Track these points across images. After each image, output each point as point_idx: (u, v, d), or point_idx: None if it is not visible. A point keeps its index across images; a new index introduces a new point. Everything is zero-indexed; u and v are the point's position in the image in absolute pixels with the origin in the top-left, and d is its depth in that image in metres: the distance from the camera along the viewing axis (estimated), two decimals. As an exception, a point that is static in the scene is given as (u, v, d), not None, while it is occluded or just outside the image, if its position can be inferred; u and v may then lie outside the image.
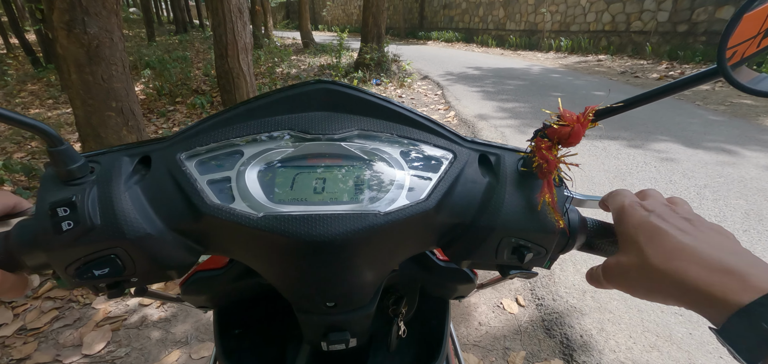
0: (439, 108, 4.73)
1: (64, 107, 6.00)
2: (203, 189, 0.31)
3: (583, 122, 0.32)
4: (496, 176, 0.36)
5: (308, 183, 0.32)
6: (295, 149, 0.33)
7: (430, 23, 16.77)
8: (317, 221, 0.30)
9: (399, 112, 0.37)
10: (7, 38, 11.55)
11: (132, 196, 0.31)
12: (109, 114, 1.86)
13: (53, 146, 0.29)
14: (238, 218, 0.30)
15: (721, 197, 2.21)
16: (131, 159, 0.33)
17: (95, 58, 1.69)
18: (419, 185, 0.33)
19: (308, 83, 0.36)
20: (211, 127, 0.35)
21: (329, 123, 0.35)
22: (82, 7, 1.56)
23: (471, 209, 0.35)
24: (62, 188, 0.30)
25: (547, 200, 0.33)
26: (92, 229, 0.29)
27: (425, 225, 0.34)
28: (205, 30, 17.10)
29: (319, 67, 7.74)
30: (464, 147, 0.37)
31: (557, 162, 0.33)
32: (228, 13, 2.76)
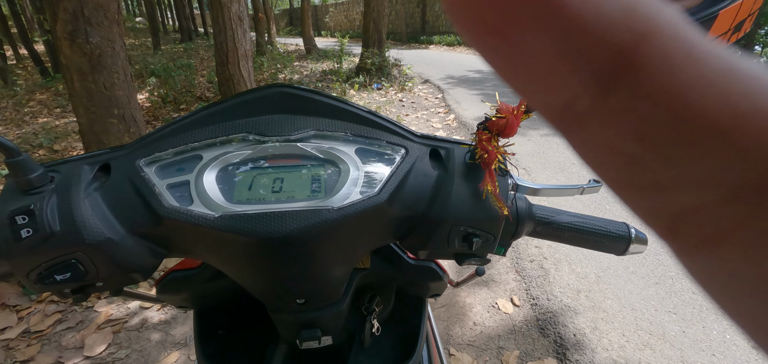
0: (439, 111, 4.76)
1: (71, 116, 6.10)
2: (161, 193, 0.32)
3: (517, 114, 0.35)
4: (445, 169, 0.38)
5: (266, 183, 0.34)
6: (253, 151, 0.35)
7: (432, 27, 16.85)
8: (272, 218, 0.32)
9: (354, 112, 0.39)
10: (16, 49, 11.79)
11: (91, 202, 0.32)
12: (111, 121, 1.90)
13: (11, 157, 0.30)
14: (195, 219, 0.31)
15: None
16: (91, 167, 0.34)
17: (97, 67, 1.74)
18: (372, 180, 0.35)
19: (265, 87, 0.38)
20: (171, 133, 0.36)
21: (286, 125, 0.37)
22: (85, 17, 1.61)
23: (422, 201, 0.37)
24: (21, 197, 0.31)
25: (489, 188, 0.35)
26: (51, 235, 0.30)
27: (379, 218, 0.36)
28: (209, 38, 17.31)
29: (321, 73, 7.82)
30: (416, 143, 0.39)
31: (497, 152, 0.35)
32: (228, 21, 2.81)
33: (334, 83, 6.26)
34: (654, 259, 1.77)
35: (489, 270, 1.83)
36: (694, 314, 1.46)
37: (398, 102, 5.36)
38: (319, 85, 6.66)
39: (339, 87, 5.85)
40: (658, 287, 1.61)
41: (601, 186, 0.44)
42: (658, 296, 1.56)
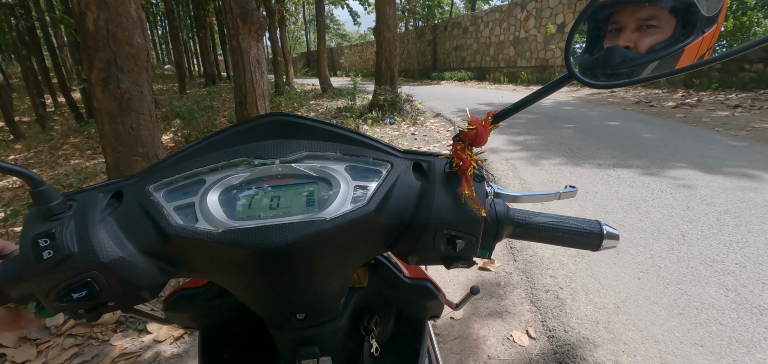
0: (450, 143, 4.80)
1: (100, 157, 6.46)
2: (169, 213, 0.36)
3: (485, 125, 0.39)
4: (427, 179, 0.41)
5: (265, 201, 0.37)
6: (252, 173, 0.38)
7: (443, 64, 17.33)
8: (271, 230, 0.35)
9: (342, 134, 0.42)
10: (55, 97, 12.74)
11: (106, 225, 0.35)
12: (136, 159, 2.02)
13: (35, 187, 0.34)
14: (200, 234, 0.34)
15: (742, 222, 2.12)
16: (105, 194, 0.38)
17: (126, 110, 1.88)
18: (362, 193, 0.38)
19: (262, 117, 0.42)
20: (177, 161, 0.40)
21: (282, 148, 0.40)
22: (117, 65, 1.76)
23: (408, 209, 0.40)
24: (43, 223, 0.34)
25: (466, 193, 0.38)
26: (70, 256, 0.33)
27: (369, 227, 0.39)
28: (231, 81, 18.27)
29: (337, 110, 8.08)
30: (399, 157, 0.43)
31: (470, 160, 0.39)
32: (247, 65, 2.99)
33: (348, 119, 6.45)
34: (676, 288, 1.69)
35: (503, 301, 1.79)
36: (724, 346, 1.37)
37: (410, 135, 5.46)
38: (333, 121, 6.86)
39: (353, 123, 6.02)
40: (682, 318, 1.52)
41: (576, 191, 0.46)
42: (682, 327, 1.48)
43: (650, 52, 0.38)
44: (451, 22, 16.61)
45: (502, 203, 0.43)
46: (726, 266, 1.78)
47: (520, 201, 0.46)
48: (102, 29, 1.70)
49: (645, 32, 0.39)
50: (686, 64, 0.36)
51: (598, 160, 3.46)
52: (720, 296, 1.62)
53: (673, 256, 1.90)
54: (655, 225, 2.20)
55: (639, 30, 0.39)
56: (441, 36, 17.27)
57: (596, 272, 1.88)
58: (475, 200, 0.38)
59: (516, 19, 12.47)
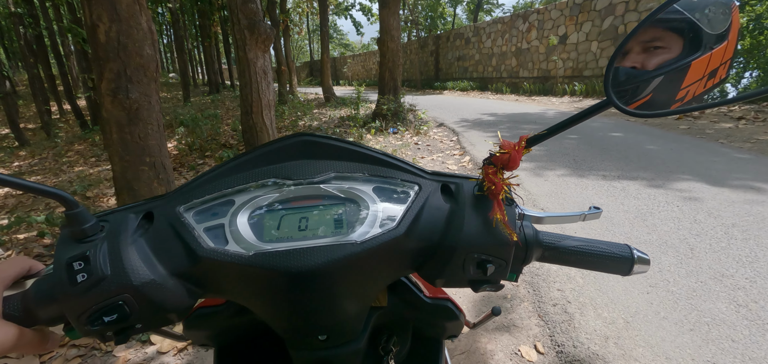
0: (454, 153, 4.81)
1: (104, 164, 6.49)
2: (200, 235, 0.36)
3: (518, 150, 0.38)
4: (456, 202, 0.41)
5: (293, 223, 0.37)
6: (280, 194, 0.39)
7: (446, 74, 17.44)
8: (301, 254, 0.35)
9: (369, 155, 0.42)
10: (61, 105, 12.86)
11: (137, 247, 0.36)
12: (142, 168, 2.03)
13: (70, 209, 0.34)
14: (232, 257, 0.34)
15: (751, 236, 2.10)
16: (136, 216, 0.38)
17: (134, 119, 1.89)
18: (390, 215, 0.38)
19: (288, 137, 0.42)
20: (206, 181, 0.40)
21: (309, 169, 0.40)
22: (127, 76, 1.78)
23: (436, 232, 0.39)
24: (76, 245, 0.34)
25: (498, 217, 0.38)
26: (103, 278, 0.33)
27: (398, 250, 0.38)
28: (235, 90, 18.44)
29: (339, 119, 8.12)
30: (427, 179, 0.42)
31: (502, 184, 0.38)
32: (253, 75, 3.02)
33: (352, 128, 6.48)
34: (686, 303, 1.67)
35: (510, 314, 1.77)
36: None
37: (414, 145, 5.47)
38: (337, 130, 6.89)
39: (356, 132, 6.04)
40: (693, 334, 1.50)
41: (600, 213, 0.46)
42: (693, 343, 1.46)
43: (656, 69, 0.38)
44: (453, 33, 16.75)
45: (531, 226, 0.42)
46: (736, 281, 1.76)
47: (544, 223, 0.45)
48: (113, 40, 1.72)
49: (652, 53, 0.39)
50: (694, 79, 0.36)
51: (603, 172, 3.45)
52: (731, 311, 1.60)
53: (681, 270, 1.88)
54: (662, 238, 2.18)
55: (645, 51, 0.40)
56: (443, 46, 17.41)
57: (604, 285, 1.86)
58: (507, 224, 0.38)
59: (518, 31, 12.58)
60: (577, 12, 10.25)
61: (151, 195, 2.24)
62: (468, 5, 22.74)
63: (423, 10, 20.57)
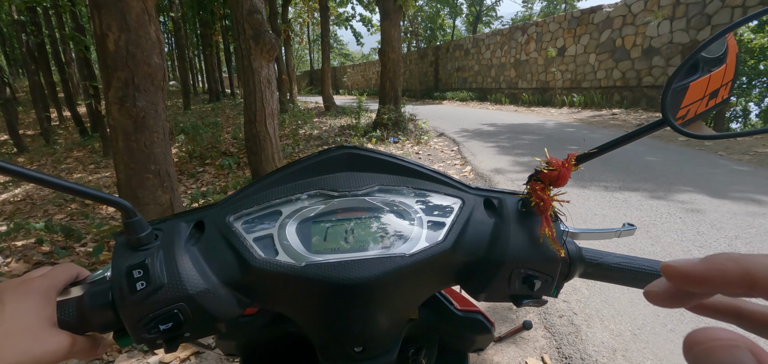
0: (455, 163, 4.83)
1: (103, 171, 6.47)
2: (252, 245, 0.37)
3: (567, 166, 0.38)
4: (500, 216, 0.41)
5: (339, 234, 0.38)
6: (326, 206, 0.39)
7: (445, 84, 17.58)
8: (352, 265, 0.35)
9: (412, 168, 0.43)
10: (60, 111, 12.86)
11: (191, 256, 0.36)
12: (147, 176, 2.03)
13: (129, 218, 0.35)
14: (284, 268, 0.35)
15: (754, 249, 2.11)
16: (188, 224, 0.39)
17: (141, 128, 1.89)
18: (435, 229, 0.39)
19: (333, 149, 0.43)
20: (253, 192, 0.41)
21: (353, 181, 0.41)
22: (135, 84, 1.78)
23: (482, 246, 0.40)
24: (133, 254, 0.35)
25: (547, 233, 0.38)
26: (161, 287, 0.34)
27: (444, 263, 0.39)
28: (235, 98, 18.50)
29: (340, 128, 8.15)
30: (470, 194, 0.43)
31: (551, 200, 0.39)
32: (258, 84, 3.03)
33: (353, 137, 6.50)
34: (693, 315, 1.66)
35: (516, 325, 1.76)
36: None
37: (414, 155, 5.49)
38: (337, 139, 6.91)
39: (357, 141, 6.06)
40: (701, 347, 1.50)
41: (635, 230, 0.46)
42: (702, 357, 1.45)
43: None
44: (452, 44, 16.93)
45: (573, 242, 0.43)
46: (742, 294, 1.76)
47: (579, 238, 0.45)
48: (122, 50, 1.73)
49: None
50: (693, 99, 0.37)
51: (604, 183, 3.47)
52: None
53: (687, 282, 1.88)
54: (666, 250, 2.18)
55: None
56: (443, 57, 17.58)
57: (610, 297, 1.85)
58: (555, 240, 0.38)
59: (517, 42, 12.73)
60: (575, 25, 10.39)
61: (155, 203, 2.24)
62: (467, 17, 23.04)
63: (423, 21, 20.82)
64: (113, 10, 1.74)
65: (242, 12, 2.90)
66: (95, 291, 0.35)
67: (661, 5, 8.17)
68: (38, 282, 0.33)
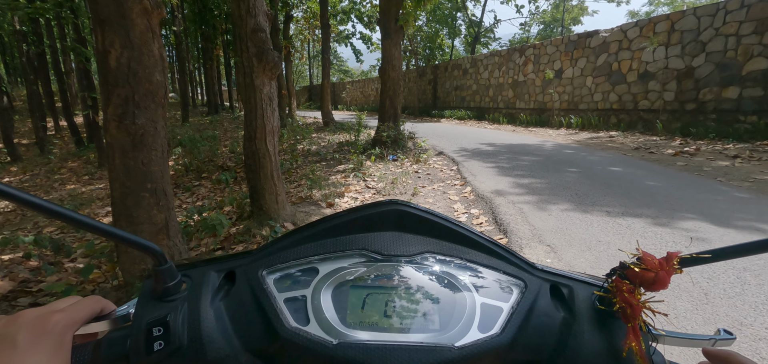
0: (455, 183, 4.80)
1: (97, 183, 6.38)
2: (281, 309, 0.33)
3: (668, 269, 0.31)
4: (571, 312, 0.35)
5: (379, 304, 0.33)
6: (368, 269, 0.35)
7: (443, 102, 17.75)
8: (391, 352, 0.30)
9: (467, 236, 0.38)
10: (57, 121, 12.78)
11: (216, 314, 0.33)
12: (143, 195, 1.96)
13: (159, 265, 0.32)
14: (314, 344, 0.31)
15: (764, 281, 2.07)
16: (218, 274, 0.36)
17: (139, 145, 1.84)
18: (490, 314, 0.33)
19: (381, 204, 0.38)
20: (290, 244, 0.37)
21: (400, 244, 0.36)
22: (135, 102, 1.74)
23: (546, 346, 0.33)
24: (157, 305, 0.32)
25: (634, 347, 0.31)
26: (179, 349, 0.31)
27: (498, 360, 0.33)
28: (235, 111, 18.54)
29: (338, 144, 8.13)
30: (535, 276, 0.37)
31: (641, 307, 0.32)
32: (259, 102, 3.01)
33: (352, 154, 6.47)
34: (707, 353, 1.61)
35: None
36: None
37: (414, 174, 5.46)
38: (336, 156, 6.89)
39: (356, 158, 6.03)
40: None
41: (734, 339, 0.38)
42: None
43: None
44: (451, 64, 17.18)
45: (661, 355, 0.35)
46: (756, 331, 1.71)
47: (661, 342, 0.37)
48: (123, 66, 1.70)
49: None
50: None
51: (606, 208, 3.44)
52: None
53: (698, 317, 1.83)
54: (674, 281, 2.13)
55: None
56: (442, 76, 17.80)
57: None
58: (644, 358, 0.31)
59: (514, 64, 12.93)
60: (572, 48, 10.59)
61: (150, 222, 2.16)
62: (466, 38, 23.46)
63: (422, 41, 21.16)
64: (117, 27, 1.72)
65: (246, 30, 2.90)
66: (113, 339, 0.32)
67: (656, 31, 8.35)
68: (57, 318, 0.30)
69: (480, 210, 3.67)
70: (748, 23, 6.78)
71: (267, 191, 3.19)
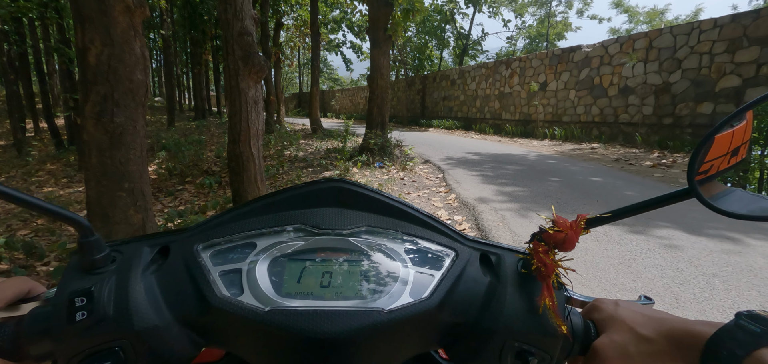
0: (439, 191, 4.84)
1: (76, 186, 6.20)
2: (215, 280, 0.33)
3: (575, 230, 0.35)
4: (497, 276, 0.37)
5: (315, 277, 0.34)
6: (305, 243, 0.35)
7: (431, 112, 17.94)
8: (322, 316, 0.31)
9: (404, 211, 0.39)
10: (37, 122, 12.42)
11: (146, 285, 0.32)
12: (120, 194, 1.93)
13: (85, 237, 0.32)
14: (245, 311, 0.31)
15: (732, 287, 2.15)
16: (151, 249, 0.35)
17: (117, 144, 1.82)
18: (422, 282, 0.34)
19: (320, 182, 0.39)
20: (229, 220, 0.37)
21: (339, 219, 0.37)
22: (114, 100, 1.73)
23: (473, 308, 0.35)
24: (83, 277, 0.32)
25: (547, 303, 0.34)
26: (103, 319, 0.30)
27: (428, 323, 0.34)
28: (222, 116, 18.35)
29: (326, 151, 8.13)
30: (466, 246, 0.39)
31: (555, 266, 0.35)
32: (244, 105, 3.00)
33: (338, 161, 6.48)
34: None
35: None
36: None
37: (399, 181, 5.49)
38: (323, 162, 6.87)
39: (342, 164, 6.04)
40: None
41: (653, 304, 0.42)
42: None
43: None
44: (439, 74, 17.43)
45: (578, 314, 0.38)
46: (721, 332, 1.77)
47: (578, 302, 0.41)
48: (103, 64, 1.68)
49: None
50: (718, 154, 0.36)
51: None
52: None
53: (668, 319, 1.89)
54: (647, 286, 2.20)
55: None
56: (430, 86, 18.03)
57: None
58: (557, 313, 0.34)
59: (501, 76, 13.20)
60: (556, 62, 10.89)
61: (126, 223, 2.13)
62: (454, 49, 23.88)
63: (411, 51, 21.44)
64: (98, 23, 1.70)
65: (233, 33, 2.90)
66: (36, 314, 0.32)
67: (635, 48, 8.67)
68: None
69: (463, 217, 3.71)
70: (721, 42, 7.11)
71: (250, 195, 3.17)
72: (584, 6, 23.14)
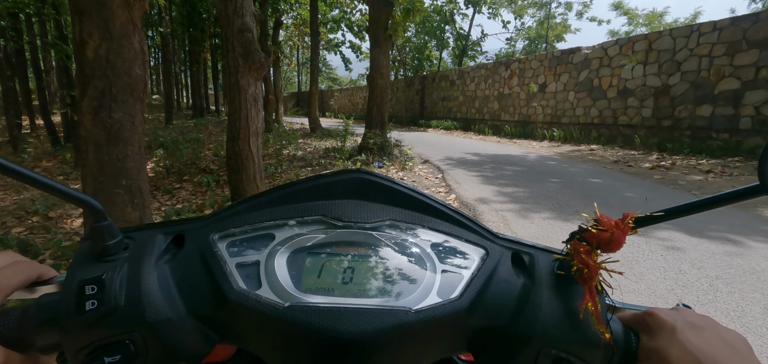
0: (439, 191, 4.82)
1: (73, 183, 6.15)
2: (231, 272, 0.31)
3: (623, 228, 0.32)
4: (531, 278, 0.35)
5: (336, 272, 0.32)
6: (326, 236, 0.33)
7: (430, 112, 17.94)
8: (345, 315, 0.29)
9: (430, 205, 0.37)
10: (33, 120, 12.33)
11: (160, 276, 0.31)
12: (117, 191, 1.90)
13: (97, 221, 0.30)
14: (263, 306, 0.29)
15: (735, 289, 2.14)
16: (165, 237, 0.34)
17: (114, 140, 1.78)
18: (450, 281, 0.32)
19: (342, 172, 0.37)
20: (245, 209, 0.35)
21: (361, 211, 0.35)
22: (112, 95, 1.69)
23: (505, 311, 0.33)
24: (94, 265, 0.30)
25: (589, 308, 0.31)
26: (114, 310, 0.28)
27: (456, 326, 0.32)
28: (220, 115, 18.28)
29: (324, 150, 8.10)
30: (497, 244, 0.37)
31: (598, 268, 0.32)
32: (244, 102, 2.97)
33: (337, 160, 6.45)
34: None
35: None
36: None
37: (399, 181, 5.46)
38: (322, 162, 6.84)
39: (341, 164, 6.01)
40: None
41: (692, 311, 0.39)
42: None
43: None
44: (439, 75, 17.43)
45: (618, 321, 0.35)
46: (726, 335, 1.76)
47: (623, 311, 0.38)
48: (101, 58, 1.65)
49: None
50: None
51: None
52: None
53: (672, 321, 1.87)
54: (650, 288, 2.19)
55: None
56: (429, 87, 18.02)
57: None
58: (600, 319, 0.31)
59: (500, 77, 13.20)
60: (556, 64, 10.90)
61: (123, 220, 2.09)
62: (453, 50, 23.89)
63: (411, 51, 21.43)
64: (96, 17, 1.67)
65: (233, 30, 2.87)
66: (43, 303, 0.29)
67: (634, 50, 8.68)
68: None
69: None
70: (720, 45, 7.13)
71: (249, 193, 3.13)
72: (584, 8, 23.21)
